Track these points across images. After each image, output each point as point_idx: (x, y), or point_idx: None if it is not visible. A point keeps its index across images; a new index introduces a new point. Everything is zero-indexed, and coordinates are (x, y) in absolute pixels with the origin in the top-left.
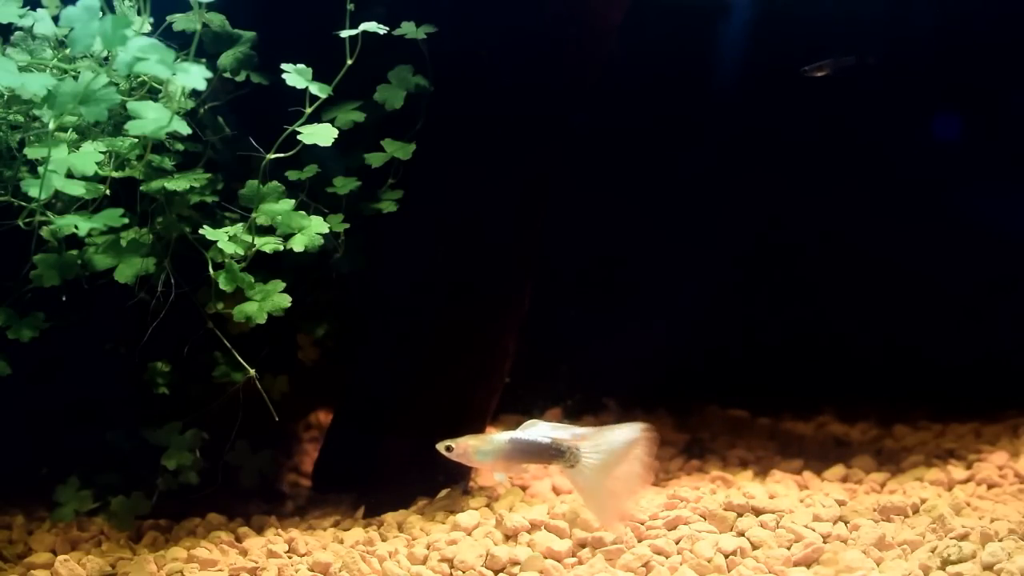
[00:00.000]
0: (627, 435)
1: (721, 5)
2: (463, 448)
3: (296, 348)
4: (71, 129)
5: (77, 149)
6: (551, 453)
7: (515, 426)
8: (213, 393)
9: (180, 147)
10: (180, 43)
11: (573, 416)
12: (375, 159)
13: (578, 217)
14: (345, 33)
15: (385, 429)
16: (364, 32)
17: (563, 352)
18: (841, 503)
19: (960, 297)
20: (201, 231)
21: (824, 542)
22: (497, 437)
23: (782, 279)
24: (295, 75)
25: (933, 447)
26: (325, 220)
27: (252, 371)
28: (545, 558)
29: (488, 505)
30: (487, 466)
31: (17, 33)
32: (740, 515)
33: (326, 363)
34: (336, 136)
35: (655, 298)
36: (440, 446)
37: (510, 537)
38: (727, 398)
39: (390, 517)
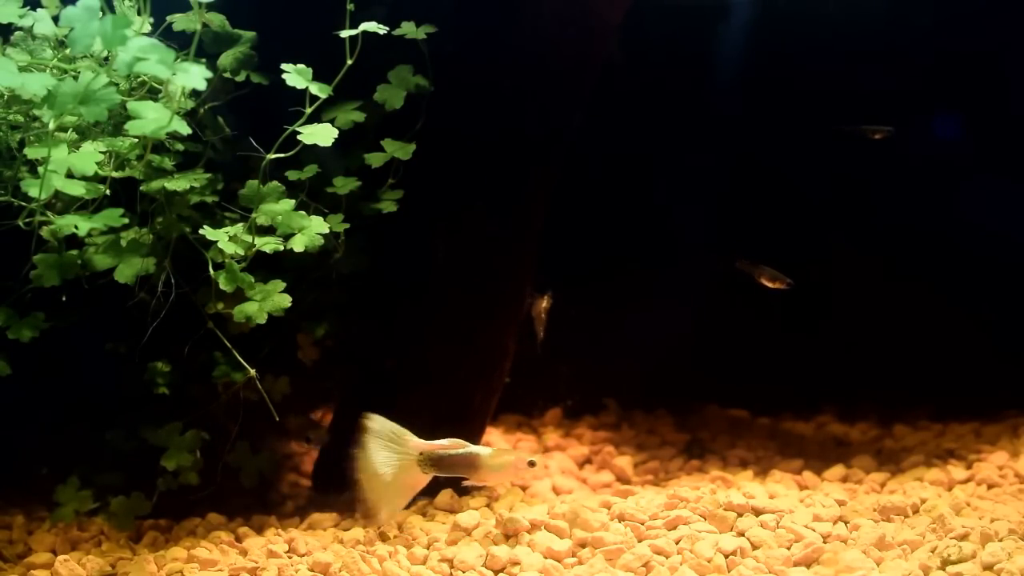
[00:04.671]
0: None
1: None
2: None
3: (296, 348)
4: (71, 129)
5: (77, 149)
6: None
7: (515, 426)
8: (213, 393)
9: (180, 147)
10: (180, 43)
11: (573, 416)
12: (375, 159)
13: (578, 217)
14: (345, 33)
15: None
16: (364, 32)
17: (563, 352)
18: (841, 503)
19: (960, 297)
20: (201, 231)
21: (824, 542)
22: None
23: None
24: (295, 75)
25: (933, 447)
26: (325, 220)
27: (252, 371)
28: (545, 558)
29: (488, 505)
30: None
31: (17, 33)
32: (740, 515)
33: (326, 363)
34: (336, 136)
35: (655, 298)
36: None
37: (510, 537)
38: (727, 398)
39: None
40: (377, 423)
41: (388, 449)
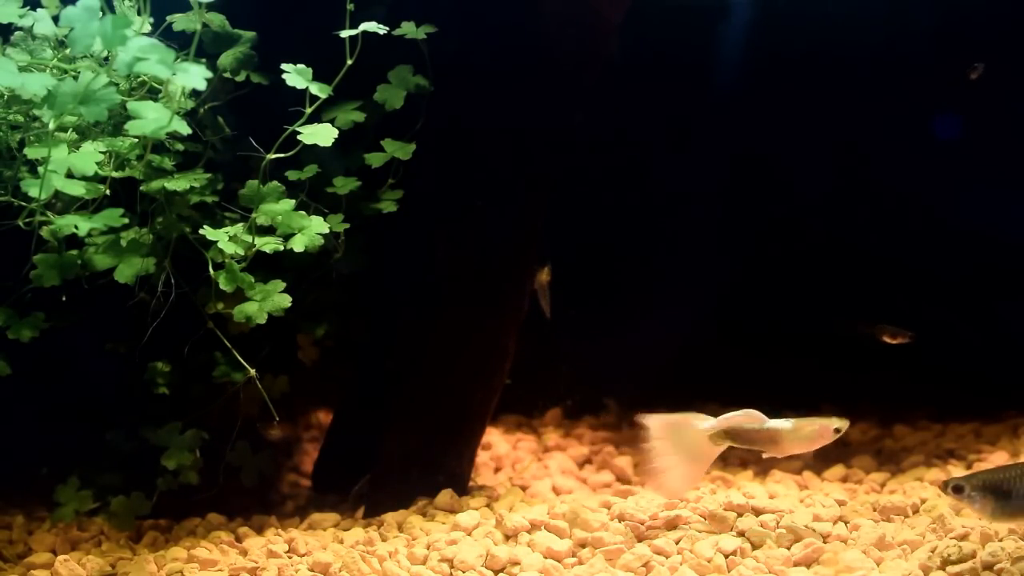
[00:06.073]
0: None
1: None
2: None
3: (296, 348)
4: (71, 129)
5: (77, 149)
6: None
7: (516, 426)
8: (213, 393)
9: (180, 147)
10: (180, 43)
11: (573, 416)
12: (375, 159)
13: (578, 217)
14: (345, 33)
15: (385, 429)
16: (364, 32)
17: (563, 352)
18: (841, 503)
19: (960, 297)
20: (201, 231)
21: (824, 542)
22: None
23: (782, 278)
24: (295, 75)
25: (933, 447)
26: (325, 220)
27: (252, 371)
28: (545, 558)
29: (488, 505)
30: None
31: (17, 33)
32: (740, 515)
33: (326, 363)
34: (336, 136)
35: (655, 298)
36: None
37: (510, 537)
38: (727, 398)
39: (390, 517)
40: (657, 417)
41: (677, 433)
